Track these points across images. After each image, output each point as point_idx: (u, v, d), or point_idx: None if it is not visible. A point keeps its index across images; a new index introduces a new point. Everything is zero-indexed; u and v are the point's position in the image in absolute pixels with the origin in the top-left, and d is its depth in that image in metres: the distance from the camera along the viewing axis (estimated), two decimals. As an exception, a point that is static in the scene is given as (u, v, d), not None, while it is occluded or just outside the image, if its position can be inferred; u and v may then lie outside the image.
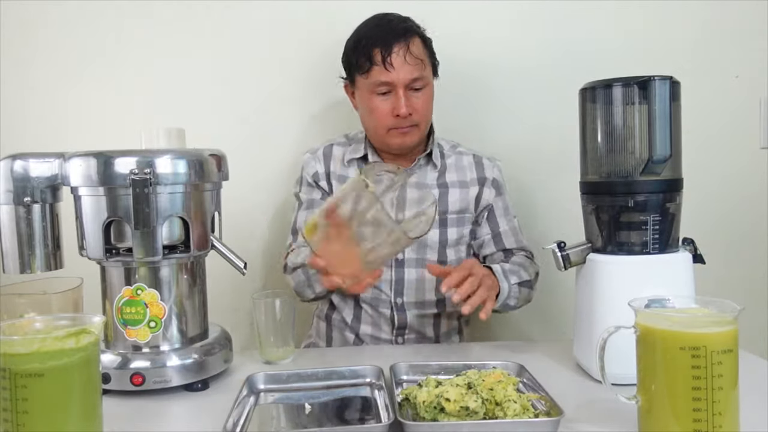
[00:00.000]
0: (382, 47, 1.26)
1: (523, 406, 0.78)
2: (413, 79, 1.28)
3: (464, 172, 1.41)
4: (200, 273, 1.04)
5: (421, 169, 1.38)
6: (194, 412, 0.92)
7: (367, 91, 1.30)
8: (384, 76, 1.27)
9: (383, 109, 1.29)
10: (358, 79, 1.32)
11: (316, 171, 1.39)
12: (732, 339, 0.70)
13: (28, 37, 1.55)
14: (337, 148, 1.41)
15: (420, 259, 1.35)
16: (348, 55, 1.33)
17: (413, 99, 1.29)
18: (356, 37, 1.32)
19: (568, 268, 1.02)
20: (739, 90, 1.61)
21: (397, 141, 1.32)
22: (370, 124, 1.34)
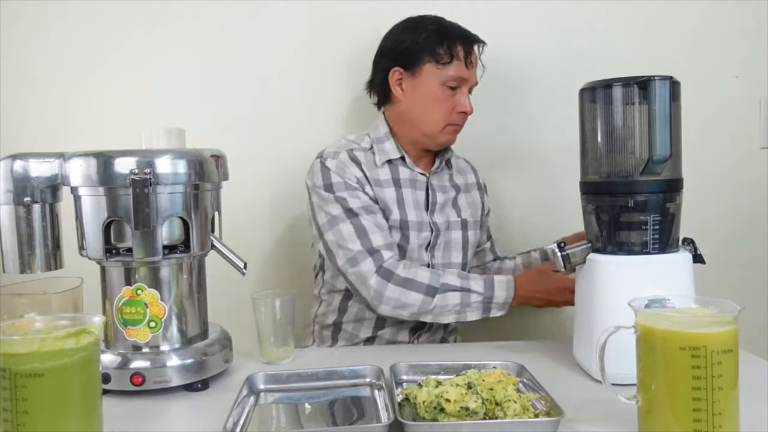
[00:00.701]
0: (465, 44, 1.30)
1: (523, 406, 0.78)
2: (475, 81, 1.34)
3: (465, 174, 1.44)
4: (200, 273, 1.04)
5: (442, 171, 1.41)
6: (194, 412, 0.92)
7: (437, 82, 1.29)
8: (463, 72, 1.30)
9: (448, 104, 1.30)
10: (427, 68, 1.29)
11: (356, 176, 1.29)
12: (732, 339, 0.70)
13: (29, 37, 1.55)
14: (359, 153, 1.33)
15: (447, 263, 1.36)
16: (418, 41, 1.30)
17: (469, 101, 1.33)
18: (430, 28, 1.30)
19: (568, 268, 1.02)
20: (739, 90, 1.61)
21: (448, 138, 1.34)
22: (427, 116, 1.31)
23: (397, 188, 1.33)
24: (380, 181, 1.32)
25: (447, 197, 1.39)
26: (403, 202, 1.32)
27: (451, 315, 1.22)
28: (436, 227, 1.35)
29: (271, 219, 1.62)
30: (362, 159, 1.33)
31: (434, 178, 1.39)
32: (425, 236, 1.33)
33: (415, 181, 1.36)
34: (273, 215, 1.62)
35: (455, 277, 1.23)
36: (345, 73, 1.59)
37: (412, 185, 1.35)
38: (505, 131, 1.61)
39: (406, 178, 1.35)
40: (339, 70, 1.59)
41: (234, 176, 1.10)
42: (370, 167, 1.33)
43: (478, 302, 1.22)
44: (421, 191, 1.36)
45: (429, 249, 1.34)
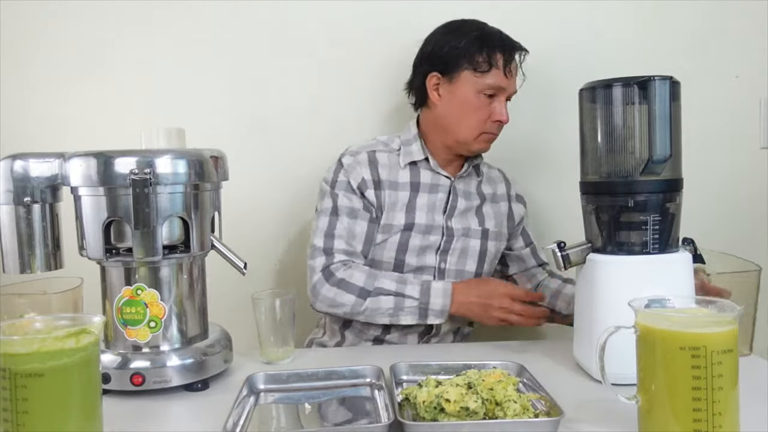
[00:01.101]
0: (505, 53, 1.29)
1: (523, 406, 0.78)
2: (514, 90, 1.33)
3: (495, 184, 1.44)
4: (200, 273, 1.04)
5: (469, 177, 1.40)
6: (194, 412, 0.92)
7: (475, 90, 1.29)
8: (502, 81, 1.29)
9: (485, 112, 1.30)
10: (465, 75, 1.29)
11: (363, 178, 1.31)
12: (732, 339, 0.70)
13: (28, 37, 1.55)
14: (381, 155, 1.34)
15: (460, 271, 1.36)
16: (458, 47, 1.29)
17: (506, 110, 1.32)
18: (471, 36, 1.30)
19: (568, 268, 1.02)
20: (739, 90, 1.61)
21: (481, 146, 1.34)
22: (462, 123, 1.31)
23: (413, 192, 1.34)
24: (398, 183, 1.33)
25: (470, 204, 1.38)
26: (414, 205, 1.33)
27: (384, 317, 1.25)
28: (450, 231, 1.34)
29: (271, 219, 1.61)
30: (384, 161, 1.34)
31: (460, 183, 1.38)
32: (434, 240, 1.33)
33: (437, 185, 1.36)
34: (273, 215, 1.62)
35: (391, 281, 1.25)
36: (345, 73, 1.59)
37: (433, 189, 1.35)
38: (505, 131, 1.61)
39: (427, 183, 1.35)
40: (339, 70, 1.59)
41: (234, 176, 1.10)
42: (392, 169, 1.34)
43: (413, 307, 1.24)
44: (443, 194, 1.36)
45: (439, 253, 1.34)
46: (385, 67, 1.58)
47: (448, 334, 1.37)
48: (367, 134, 1.53)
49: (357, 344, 1.35)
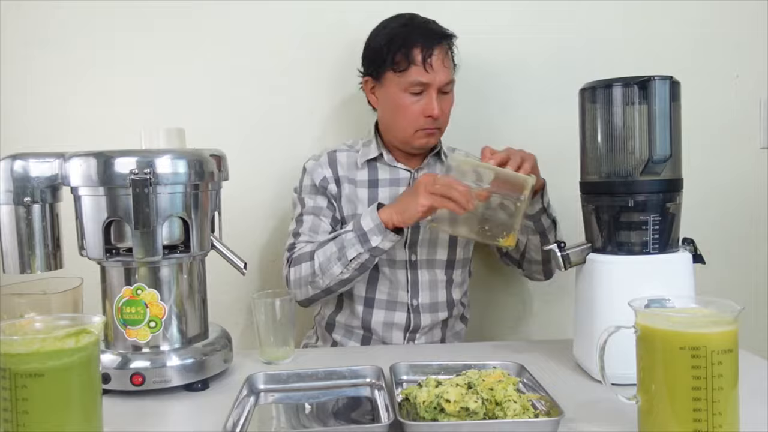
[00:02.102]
0: (424, 47, 1.26)
1: (523, 406, 0.78)
2: (447, 82, 1.30)
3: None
4: (200, 273, 1.04)
5: (430, 167, 1.40)
6: (194, 412, 0.92)
7: (399, 89, 1.29)
8: (422, 76, 1.27)
9: (415, 109, 1.29)
10: (388, 76, 1.30)
11: (324, 176, 1.36)
12: (732, 339, 0.70)
13: (28, 38, 1.55)
14: (341, 154, 1.39)
15: (431, 260, 1.35)
16: (379, 51, 1.30)
17: (441, 102, 1.30)
18: (390, 35, 1.30)
19: (568, 268, 1.02)
20: (739, 90, 1.61)
21: (422, 142, 1.32)
22: (396, 123, 1.32)
23: (371, 188, 1.36)
24: (356, 181, 1.36)
25: None
26: (376, 201, 1.33)
27: (336, 265, 1.22)
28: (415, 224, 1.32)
29: (271, 219, 1.61)
30: (343, 159, 1.38)
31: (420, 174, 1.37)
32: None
33: (397, 179, 1.37)
34: (273, 215, 1.61)
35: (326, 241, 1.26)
36: (345, 73, 1.58)
37: (393, 183, 1.36)
38: (505, 131, 1.61)
39: (386, 178, 1.37)
40: (339, 69, 1.59)
41: (234, 176, 1.10)
42: (350, 167, 1.37)
43: (352, 238, 1.22)
44: (404, 188, 1.36)
45: (408, 246, 1.34)
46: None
47: (435, 330, 1.36)
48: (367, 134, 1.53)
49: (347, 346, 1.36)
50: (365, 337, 1.36)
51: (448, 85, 1.31)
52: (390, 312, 1.34)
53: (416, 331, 1.34)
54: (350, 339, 1.37)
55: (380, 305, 1.35)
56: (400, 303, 1.34)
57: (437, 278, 1.35)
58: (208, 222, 1.02)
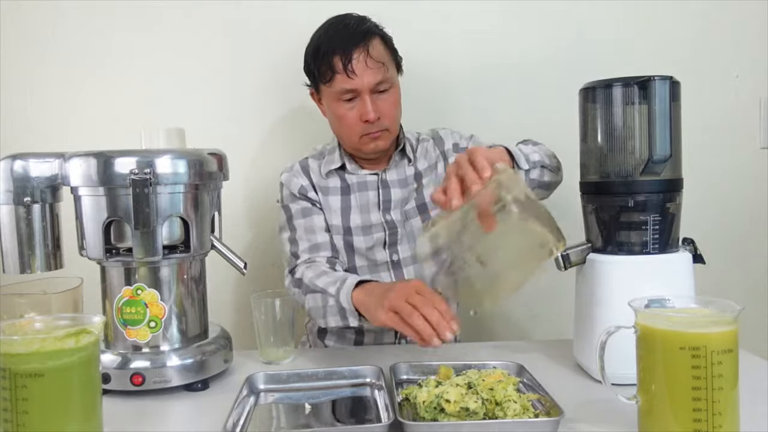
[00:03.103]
0: (342, 54, 1.22)
1: (523, 406, 0.78)
2: (377, 83, 1.24)
3: (428, 154, 1.39)
4: (200, 273, 1.04)
5: (398, 166, 1.37)
6: (194, 412, 0.92)
7: (333, 99, 1.26)
8: (347, 83, 1.23)
9: (351, 116, 1.26)
10: (322, 88, 1.28)
11: (301, 185, 1.34)
12: (732, 339, 0.70)
13: (28, 38, 1.55)
14: (312, 161, 1.37)
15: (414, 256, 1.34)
16: (309, 65, 1.29)
17: (380, 102, 1.25)
18: (315, 45, 1.27)
19: (568, 268, 1.02)
20: (739, 90, 1.61)
21: (370, 147, 1.29)
22: (340, 132, 1.31)
23: (344, 196, 1.34)
24: (328, 188, 1.34)
25: (407, 190, 1.35)
26: (349, 209, 1.33)
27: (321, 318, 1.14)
28: (390, 225, 1.33)
29: (271, 219, 1.61)
30: (315, 167, 1.36)
31: (390, 175, 1.36)
32: (378, 237, 1.32)
33: (365, 183, 1.35)
34: (273, 215, 1.61)
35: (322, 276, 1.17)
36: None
37: (362, 188, 1.35)
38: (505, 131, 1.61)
39: (354, 183, 1.35)
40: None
41: (234, 176, 1.10)
42: (318, 176, 1.35)
43: (333, 307, 1.12)
44: (373, 191, 1.34)
45: (388, 247, 1.33)
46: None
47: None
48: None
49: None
50: (357, 341, 1.36)
51: (380, 84, 1.24)
52: None
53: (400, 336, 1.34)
54: (343, 343, 1.37)
55: None
56: None
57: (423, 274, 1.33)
58: (208, 222, 1.02)
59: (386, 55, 1.27)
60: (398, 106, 1.30)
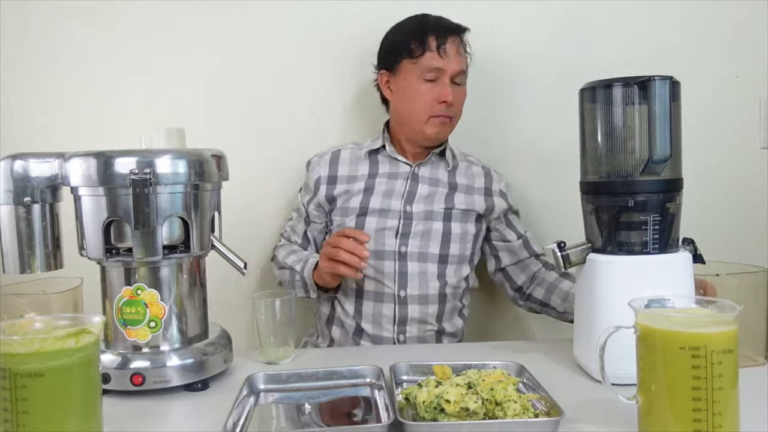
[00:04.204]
0: (438, 35, 1.33)
1: (523, 406, 0.78)
2: (460, 71, 1.35)
3: (473, 179, 1.44)
4: (200, 273, 1.04)
5: (433, 164, 1.43)
6: (194, 412, 0.92)
7: (415, 76, 1.34)
8: (437, 62, 1.32)
9: (429, 96, 1.33)
10: (404, 64, 1.35)
11: (319, 175, 1.42)
12: (732, 339, 0.70)
13: (29, 38, 1.55)
14: (345, 151, 1.45)
15: (423, 253, 1.36)
16: (396, 40, 1.37)
17: (455, 92, 1.34)
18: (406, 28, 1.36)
19: (568, 268, 1.02)
20: (739, 90, 1.61)
21: (435, 129, 1.36)
22: (410, 110, 1.36)
23: (370, 179, 1.40)
24: (356, 176, 1.41)
25: (436, 190, 1.39)
26: (372, 191, 1.39)
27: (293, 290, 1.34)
28: (407, 215, 1.36)
29: (271, 219, 1.61)
30: (346, 156, 1.44)
31: (423, 170, 1.41)
32: (391, 223, 1.36)
33: (396, 173, 1.41)
34: (273, 215, 1.61)
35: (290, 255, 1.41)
36: (345, 73, 1.59)
37: (392, 176, 1.40)
38: (505, 131, 1.61)
39: (385, 171, 1.41)
40: (339, 69, 1.59)
41: (234, 176, 1.10)
42: (352, 163, 1.42)
43: (299, 281, 1.36)
44: (402, 180, 1.39)
45: (399, 236, 1.35)
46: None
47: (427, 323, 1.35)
48: (369, 134, 1.53)
49: (345, 342, 1.37)
50: (357, 330, 1.36)
51: (460, 75, 1.35)
52: (378, 303, 1.35)
53: (404, 323, 1.34)
54: (344, 333, 1.38)
55: (369, 297, 1.35)
56: (387, 294, 1.34)
57: (428, 270, 1.35)
58: (208, 222, 1.02)
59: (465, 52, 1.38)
60: (463, 102, 1.40)
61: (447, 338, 1.39)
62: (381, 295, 1.35)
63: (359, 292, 1.36)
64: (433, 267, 1.36)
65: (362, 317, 1.36)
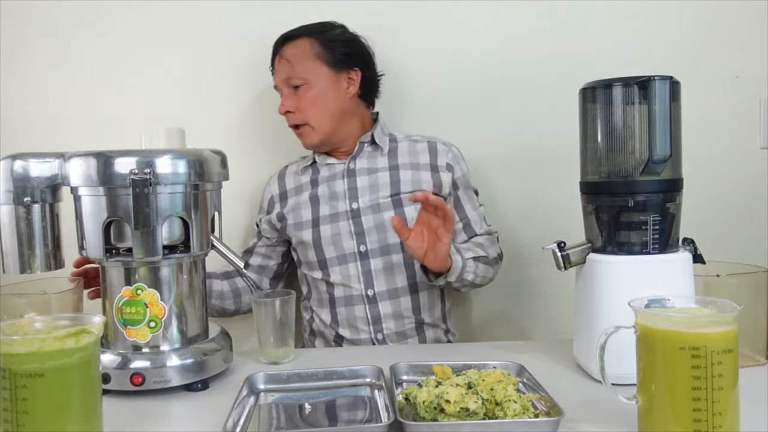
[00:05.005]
0: (273, 53, 1.39)
1: (523, 406, 0.78)
2: (285, 78, 1.36)
3: (417, 156, 1.40)
4: (200, 273, 1.04)
5: (369, 154, 1.40)
6: (194, 412, 0.92)
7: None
8: (275, 77, 1.39)
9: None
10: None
11: (271, 195, 1.45)
12: (732, 339, 0.70)
13: (28, 37, 1.55)
14: (291, 166, 1.47)
15: (384, 247, 1.34)
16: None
17: (293, 98, 1.35)
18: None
19: (568, 268, 1.02)
20: (739, 90, 1.61)
21: (300, 140, 1.39)
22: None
23: (313, 188, 1.40)
24: (301, 186, 1.42)
25: (376, 178, 1.37)
26: (317, 200, 1.38)
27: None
28: (356, 213, 1.35)
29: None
30: (292, 170, 1.47)
31: (359, 162, 1.39)
32: (344, 225, 1.35)
33: (333, 174, 1.40)
34: (273, 215, 1.61)
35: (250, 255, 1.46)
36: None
37: (331, 179, 1.40)
38: (505, 131, 1.61)
39: (325, 176, 1.41)
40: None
41: (234, 176, 1.10)
42: (296, 175, 1.45)
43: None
44: (340, 180, 1.38)
45: (355, 236, 1.34)
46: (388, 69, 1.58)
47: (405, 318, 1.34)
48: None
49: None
50: (337, 338, 1.37)
51: (290, 80, 1.35)
52: (349, 308, 1.34)
53: (379, 321, 1.33)
54: (326, 343, 1.39)
55: (340, 303, 1.36)
56: (356, 296, 1.34)
57: (392, 262, 1.33)
58: (208, 222, 1.02)
59: (310, 55, 1.35)
60: (318, 103, 1.36)
61: (430, 329, 1.37)
62: (350, 298, 1.34)
63: (331, 301, 1.37)
64: (397, 258, 1.33)
65: (338, 324, 1.36)
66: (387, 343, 1.34)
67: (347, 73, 1.37)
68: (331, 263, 1.35)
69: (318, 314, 1.39)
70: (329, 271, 1.35)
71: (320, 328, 1.39)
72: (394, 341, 1.34)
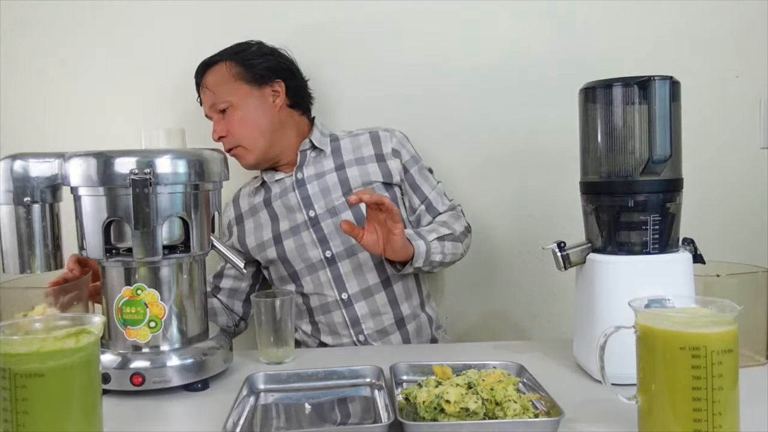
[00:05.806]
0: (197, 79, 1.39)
1: (523, 406, 0.78)
2: (210, 105, 1.36)
3: (360, 150, 1.39)
4: (200, 273, 1.04)
5: (314, 159, 1.39)
6: (194, 412, 0.92)
7: None
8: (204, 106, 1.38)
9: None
10: None
11: (228, 220, 1.45)
12: (732, 339, 0.70)
13: (28, 37, 1.55)
14: (244, 189, 1.46)
15: (348, 249, 1.33)
16: None
17: (224, 123, 1.35)
18: None
19: (568, 268, 1.02)
20: (739, 90, 1.61)
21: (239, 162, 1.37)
22: None
23: (268, 207, 1.40)
24: (255, 205, 1.42)
25: (325, 182, 1.36)
26: (276, 217, 1.38)
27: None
28: (314, 221, 1.34)
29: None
30: (245, 191, 1.45)
31: (306, 171, 1.38)
32: (306, 236, 1.34)
33: (285, 188, 1.39)
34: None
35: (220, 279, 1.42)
36: (346, 73, 1.59)
37: (282, 194, 1.39)
38: (505, 131, 1.61)
39: (276, 192, 1.40)
40: (339, 69, 1.59)
41: (234, 176, 1.10)
42: (251, 195, 1.44)
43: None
44: (292, 192, 1.37)
45: (318, 244, 1.34)
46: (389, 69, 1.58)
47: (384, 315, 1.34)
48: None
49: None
50: (321, 346, 1.37)
51: (215, 106, 1.35)
52: (327, 314, 1.35)
53: (358, 323, 1.33)
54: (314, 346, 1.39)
55: (318, 312, 1.36)
56: (331, 302, 1.34)
57: (360, 262, 1.33)
58: (208, 222, 1.02)
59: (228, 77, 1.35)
60: (247, 123, 1.35)
61: (412, 322, 1.36)
62: (326, 305, 1.35)
63: (309, 311, 1.37)
64: (364, 257, 1.32)
65: (320, 332, 1.37)
66: (370, 343, 1.34)
67: (270, 87, 1.36)
68: (302, 274, 1.35)
69: (299, 326, 1.40)
70: (301, 282, 1.36)
71: (304, 338, 1.40)
72: (376, 340, 1.34)
